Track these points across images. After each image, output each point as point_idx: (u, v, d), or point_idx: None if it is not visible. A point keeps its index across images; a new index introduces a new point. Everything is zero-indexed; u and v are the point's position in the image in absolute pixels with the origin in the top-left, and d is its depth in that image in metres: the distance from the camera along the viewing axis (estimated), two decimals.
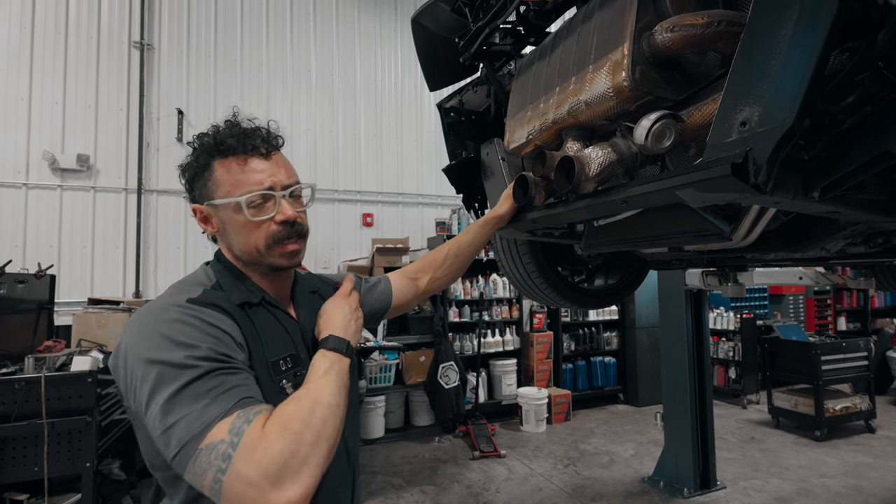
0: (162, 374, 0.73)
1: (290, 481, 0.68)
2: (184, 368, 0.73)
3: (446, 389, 4.68)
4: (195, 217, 0.95)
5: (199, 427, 0.69)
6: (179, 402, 0.71)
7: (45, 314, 3.45)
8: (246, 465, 0.67)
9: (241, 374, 0.77)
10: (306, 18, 5.61)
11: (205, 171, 0.91)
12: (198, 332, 0.78)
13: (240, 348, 0.82)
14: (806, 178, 0.72)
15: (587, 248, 1.29)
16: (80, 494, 2.59)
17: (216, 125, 0.94)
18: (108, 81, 4.71)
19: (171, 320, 0.78)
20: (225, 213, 0.91)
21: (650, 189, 0.80)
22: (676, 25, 0.79)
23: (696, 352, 3.67)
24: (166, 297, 0.85)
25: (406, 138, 6.05)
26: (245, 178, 0.89)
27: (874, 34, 0.62)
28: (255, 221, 0.89)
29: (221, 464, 0.67)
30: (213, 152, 0.91)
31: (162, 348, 0.75)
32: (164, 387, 0.72)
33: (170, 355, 0.74)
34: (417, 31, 1.57)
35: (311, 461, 0.70)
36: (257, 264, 0.94)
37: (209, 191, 0.91)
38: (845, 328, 7.37)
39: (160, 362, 0.73)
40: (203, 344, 0.76)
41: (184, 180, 0.97)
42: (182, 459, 0.69)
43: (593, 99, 0.91)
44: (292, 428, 0.71)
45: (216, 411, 0.71)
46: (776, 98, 0.61)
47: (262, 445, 0.68)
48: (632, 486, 3.73)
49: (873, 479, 3.75)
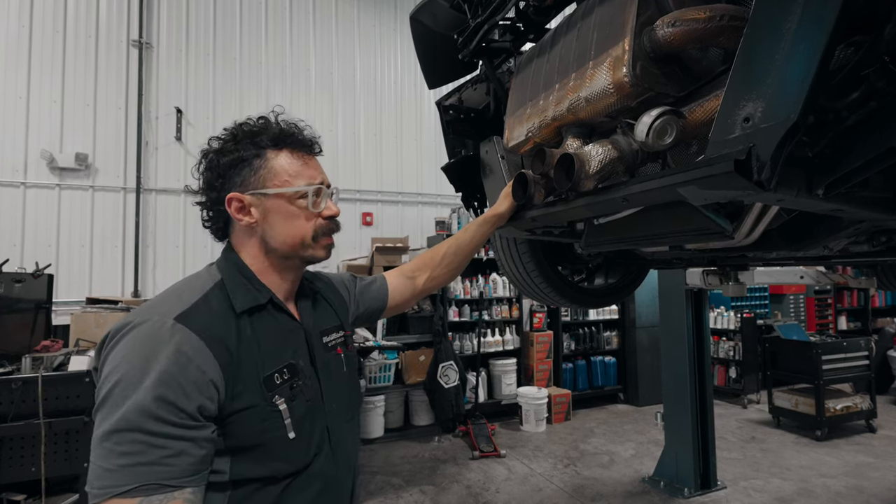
0: (112, 400, 0.71)
1: None
2: (128, 413, 0.70)
3: (446, 389, 4.68)
4: (228, 207, 0.91)
5: (97, 488, 0.68)
6: (102, 444, 0.69)
7: (43, 313, 3.44)
8: None
9: (182, 443, 0.72)
10: (305, 17, 5.60)
11: (255, 158, 0.91)
12: (168, 377, 0.73)
13: (211, 387, 0.77)
14: (810, 176, 0.71)
15: (587, 247, 1.28)
16: (77, 495, 2.58)
17: (259, 118, 0.96)
18: (107, 80, 4.70)
19: (149, 350, 0.75)
20: (275, 202, 0.91)
21: (651, 186, 0.79)
22: (678, 20, 0.77)
23: (697, 351, 3.66)
24: (161, 304, 0.82)
25: (405, 137, 6.04)
26: (306, 171, 0.94)
27: (880, 28, 0.61)
28: (309, 212, 0.93)
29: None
30: (270, 142, 0.92)
31: (125, 380, 0.72)
32: (105, 420, 0.71)
33: (127, 391, 0.71)
34: (416, 28, 1.55)
35: None
36: (291, 257, 0.95)
37: (260, 179, 0.91)
38: (846, 327, 7.36)
39: (117, 392, 0.71)
40: (165, 393, 0.72)
41: (208, 167, 0.93)
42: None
43: (593, 95, 0.90)
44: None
45: (120, 481, 0.68)
46: (780, 94, 0.59)
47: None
48: (632, 486, 3.73)
49: (874, 478, 3.74)
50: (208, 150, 0.94)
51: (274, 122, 0.96)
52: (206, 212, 0.96)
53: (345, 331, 1.09)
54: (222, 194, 0.91)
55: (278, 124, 0.95)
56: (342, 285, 1.20)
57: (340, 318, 1.11)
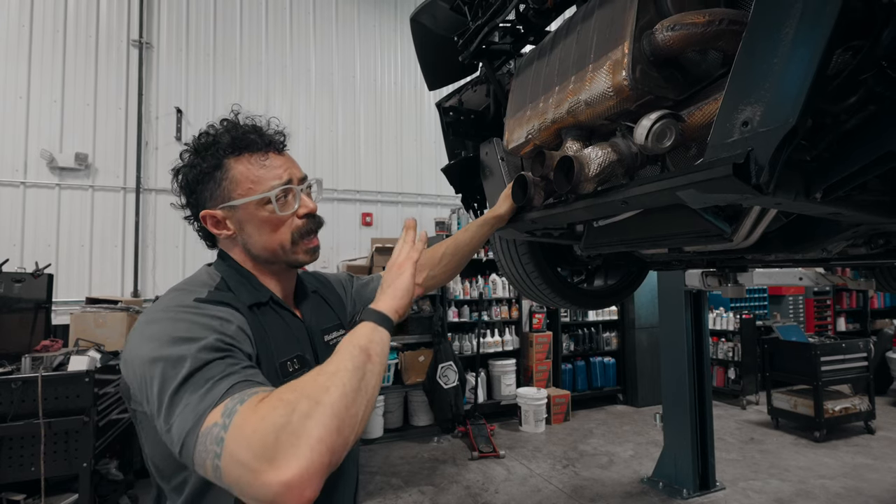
0: (165, 371, 0.70)
1: (285, 458, 0.58)
2: (184, 361, 0.69)
3: (445, 389, 4.68)
4: (205, 224, 0.91)
5: (194, 417, 0.65)
6: (181, 396, 0.68)
7: (43, 313, 3.44)
8: (237, 446, 0.61)
9: (245, 363, 0.73)
10: (306, 17, 5.60)
11: (216, 171, 0.89)
12: (201, 326, 0.74)
13: (248, 340, 0.79)
14: (808, 179, 0.71)
15: (587, 249, 1.29)
16: (77, 494, 2.58)
17: (218, 124, 0.93)
18: (107, 80, 4.70)
19: (175, 319, 0.76)
20: (245, 212, 0.89)
21: (650, 189, 0.79)
22: (677, 24, 0.78)
23: (696, 352, 3.67)
24: (170, 300, 0.81)
25: (405, 138, 6.04)
26: (266, 174, 0.89)
27: (878, 33, 0.61)
28: (279, 217, 0.89)
29: (216, 448, 0.62)
30: (226, 151, 0.89)
31: (164, 345, 0.72)
32: (168, 384, 0.69)
33: (171, 351, 0.71)
34: (416, 30, 1.55)
35: (307, 433, 0.60)
36: (275, 262, 0.93)
37: (225, 191, 0.89)
38: (845, 329, 7.37)
39: (162, 359, 0.70)
40: (206, 335, 0.73)
41: (180, 185, 0.93)
42: (186, 452, 0.65)
43: (593, 98, 0.90)
44: (286, 398, 0.63)
45: (212, 398, 0.66)
46: (778, 98, 0.60)
47: (252, 422, 0.62)
48: (631, 486, 3.73)
49: (872, 480, 3.75)
50: (178, 166, 0.93)
51: (233, 125, 0.92)
52: (194, 223, 0.96)
53: (344, 329, 1.09)
54: (198, 210, 0.91)
55: (234, 129, 0.91)
56: (339, 284, 1.21)
57: (339, 316, 1.11)
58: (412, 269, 0.88)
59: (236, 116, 0.94)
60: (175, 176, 0.93)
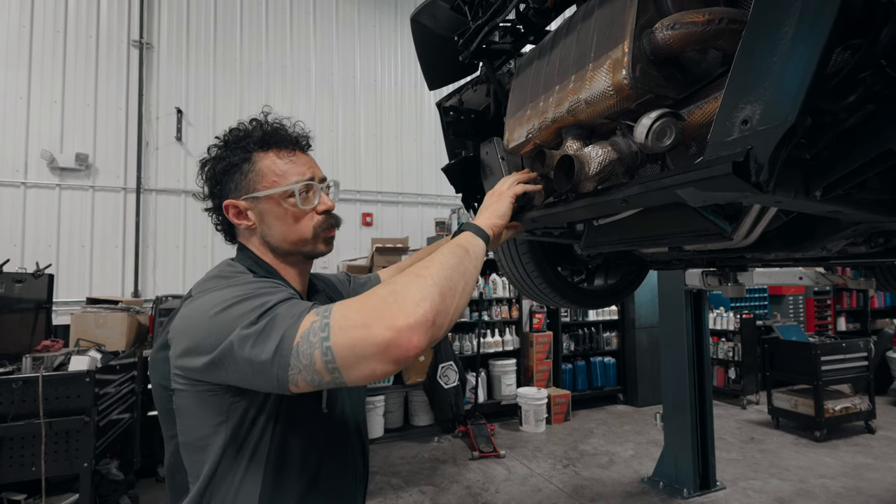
0: (241, 307, 0.73)
1: (392, 313, 0.66)
2: (266, 297, 0.75)
3: (445, 389, 4.68)
4: (226, 213, 0.94)
5: (289, 322, 0.70)
6: (264, 316, 0.71)
7: (44, 313, 3.45)
8: (345, 320, 0.67)
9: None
10: (306, 18, 5.60)
11: (244, 163, 0.93)
12: (267, 290, 0.78)
13: None
14: (807, 178, 0.71)
15: (587, 248, 1.29)
16: (77, 494, 2.58)
17: (251, 121, 0.97)
18: (108, 80, 4.71)
19: (238, 284, 0.80)
20: (267, 204, 0.93)
21: (650, 188, 0.79)
22: (677, 23, 0.78)
23: (696, 352, 3.67)
24: (218, 281, 0.84)
25: (406, 138, 6.04)
26: (292, 169, 0.94)
27: (877, 31, 0.62)
28: (300, 210, 0.93)
29: (322, 334, 0.67)
30: (256, 145, 0.94)
31: (238, 299, 0.75)
32: (244, 316, 0.72)
33: (246, 290, 0.77)
34: (416, 30, 1.56)
35: (410, 296, 0.68)
36: (293, 254, 0.96)
37: (250, 183, 0.93)
38: (845, 328, 7.37)
39: (239, 300, 0.75)
40: (275, 290, 0.78)
41: (206, 176, 0.96)
42: (282, 360, 0.68)
43: (593, 97, 0.90)
44: (387, 282, 0.73)
45: (302, 307, 0.72)
46: (778, 96, 0.60)
47: (353, 304, 0.69)
48: (631, 486, 3.73)
49: (873, 479, 3.75)
50: (206, 158, 0.97)
51: (263, 123, 0.97)
52: (215, 216, 0.99)
53: None
54: (221, 201, 0.95)
55: (264, 125, 0.96)
56: (340, 284, 1.23)
57: None
58: (511, 199, 1.01)
59: (266, 117, 0.98)
60: (202, 168, 0.97)
